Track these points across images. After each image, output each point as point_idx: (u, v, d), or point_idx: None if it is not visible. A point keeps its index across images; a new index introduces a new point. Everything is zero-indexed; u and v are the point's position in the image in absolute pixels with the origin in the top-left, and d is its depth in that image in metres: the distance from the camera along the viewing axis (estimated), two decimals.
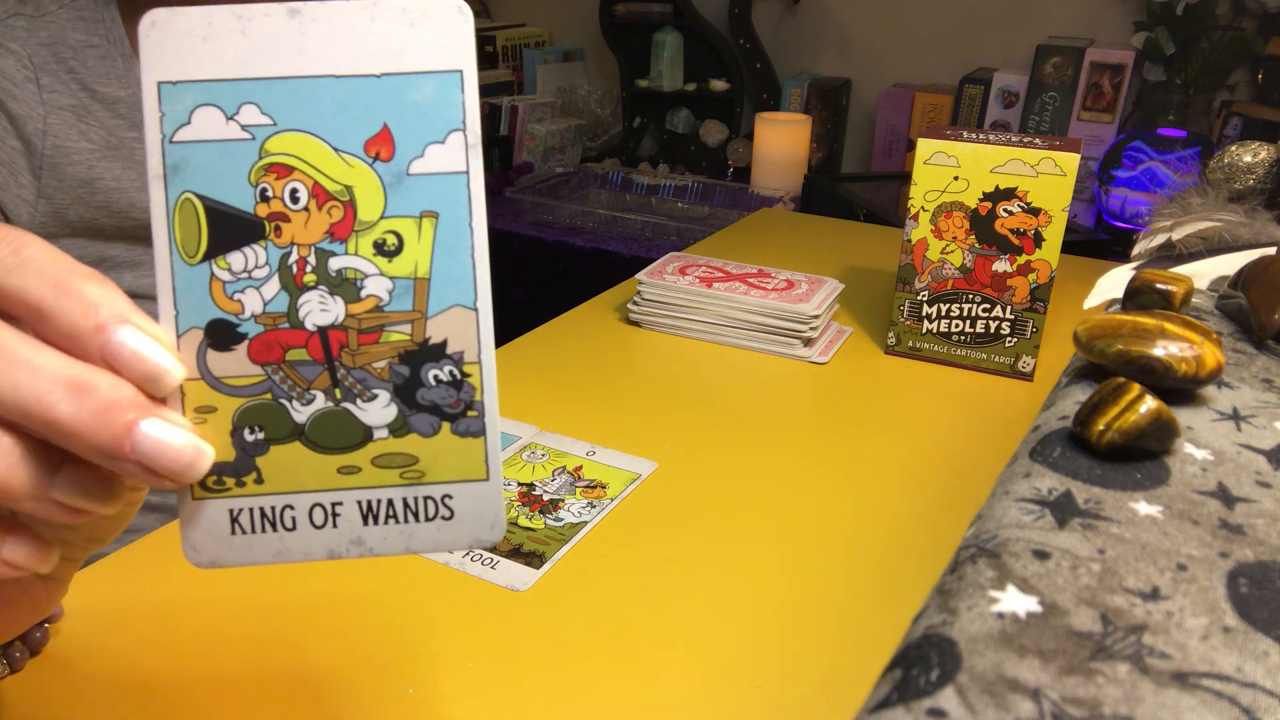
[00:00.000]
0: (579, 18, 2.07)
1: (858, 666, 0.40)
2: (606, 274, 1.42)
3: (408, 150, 0.25)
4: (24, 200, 0.58)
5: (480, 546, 0.30)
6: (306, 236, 0.25)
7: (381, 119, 0.24)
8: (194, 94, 0.24)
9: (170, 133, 0.24)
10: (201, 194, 0.24)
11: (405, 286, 0.25)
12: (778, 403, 0.65)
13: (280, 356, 0.25)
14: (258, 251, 0.25)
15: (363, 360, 0.25)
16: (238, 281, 0.25)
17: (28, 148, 0.58)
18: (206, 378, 0.25)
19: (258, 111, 0.24)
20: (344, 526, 0.26)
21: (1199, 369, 0.38)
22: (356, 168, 0.25)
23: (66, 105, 0.59)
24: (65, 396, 0.22)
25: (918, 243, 0.67)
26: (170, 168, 0.24)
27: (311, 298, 0.25)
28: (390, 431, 0.26)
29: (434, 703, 0.38)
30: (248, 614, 0.42)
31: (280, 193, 0.24)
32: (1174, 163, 1.37)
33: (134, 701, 0.38)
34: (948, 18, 1.75)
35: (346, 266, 0.25)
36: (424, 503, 0.26)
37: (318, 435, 0.25)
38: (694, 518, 0.51)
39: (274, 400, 0.25)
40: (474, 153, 0.25)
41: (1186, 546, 0.30)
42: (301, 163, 0.24)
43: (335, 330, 0.25)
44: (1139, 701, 0.23)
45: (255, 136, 0.24)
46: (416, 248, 0.25)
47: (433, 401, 0.25)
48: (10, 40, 0.57)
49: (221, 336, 0.25)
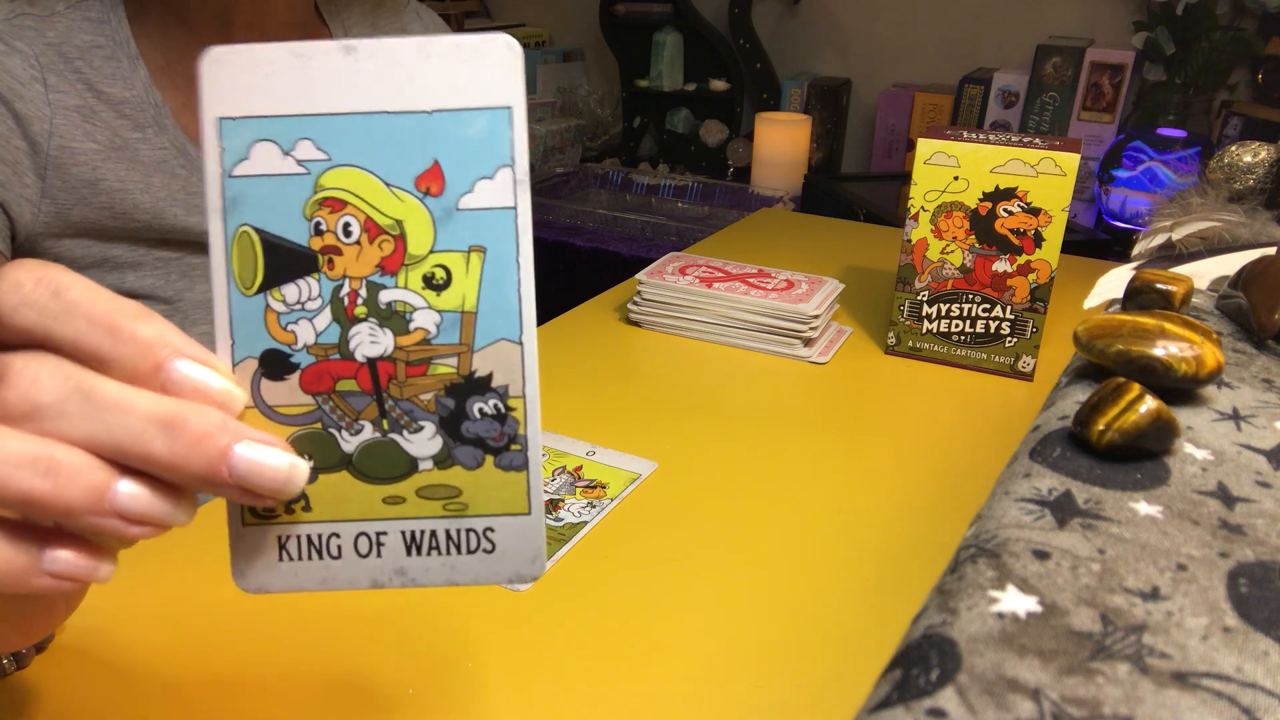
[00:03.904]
0: (579, 18, 2.07)
1: (858, 666, 0.40)
2: (606, 274, 1.42)
3: (457, 186, 0.25)
4: (28, 200, 0.58)
5: (520, 581, 0.30)
6: (358, 270, 0.25)
7: (433, 155, 0.25)
8: (253, 130, 0.24)
9: (230, 167, 0.24)
10: (258, 227, 0.25)
11: (453, 320, 0.25)
12: (778, 403, 0.65)
13: (331, 387, 0.25)
14: (311, 284, 0.25)
15: (410, 392, 0.26)
16: (291, 313, 0.25)
17: (33, 148, 0.58)
18: (260, 406, 0.25)
19: (313, 147, 0.25)
20: (388, 556, 0.26)
21: (1199, 369, 0.38)
22: (407, 202, 0.25)
23: (73, 106, 0.59)
24: (159, 434, 0.22)
25: (918, 243, 0.67)
26: (229, 201, 0.24)
27: (362, 330, 0.25)
28: (435, 463, 0.26)
29: (434, 703, 0.38)
30: (248, 614, 0.42)
31: (334, 226, 0.25)
32: (1174, 163, 1.37)
33: (134, 699, 0.38)
34: (948, 18, 1.75)
35: (396, 300, 0.25)
36: (466, 535, 0.26)
37: (365, 465, 0.26)
38: (694, 518, 0.51)
39: (324, 429, 0.25)
40: (522, 189, 0.25)
41: (1186, 546, 0.30)
42: (354, 197, 0.25)
43: (384, 362, 0.25)
44: (1139, 701, 0.23)
45: (310, 171, 0.25)
46: (464, 282, 0.25)
47: (477, 434, 0.26)
48: (17, 40, 0.57)
49: (275, 366, 0.25)
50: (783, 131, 1.66)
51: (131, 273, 0.64)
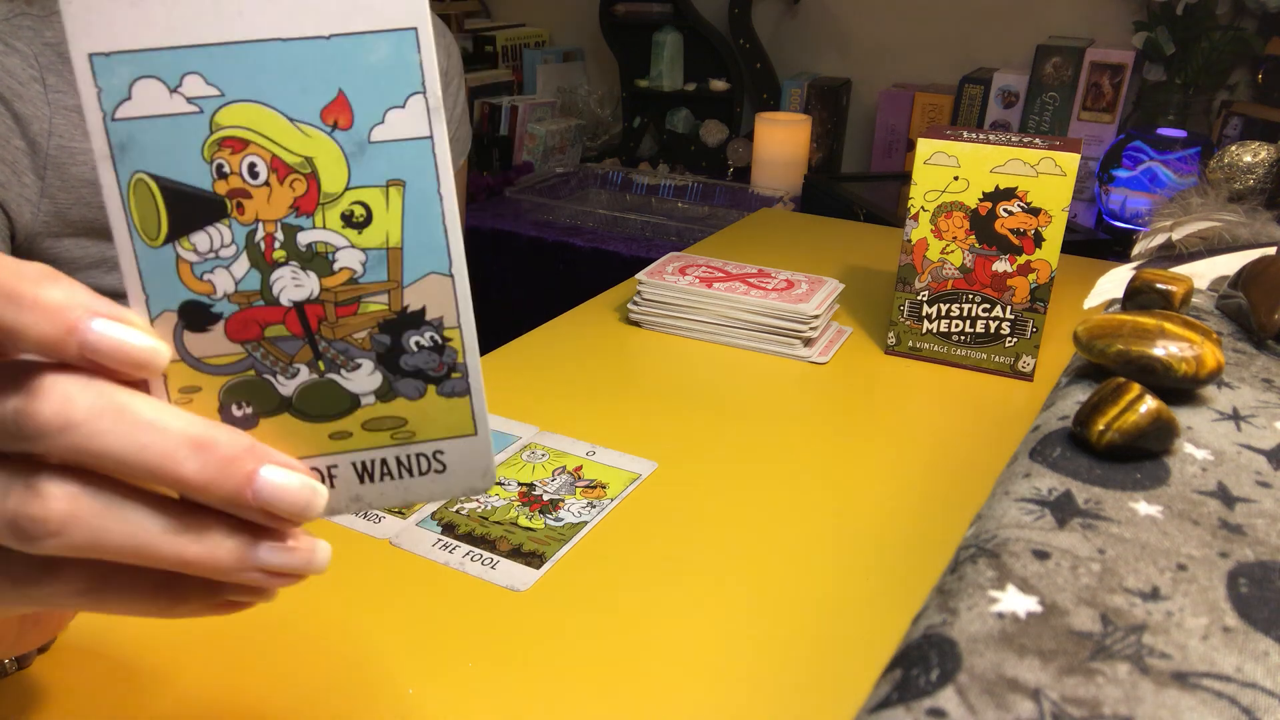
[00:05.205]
0: (579, 18, 2.08)
1: (858, 666, 0.40)
2: (606, 274, 1.42)
3: (367, 117, 0.24)
4: (27, 200, 0.58)
5: (473, 494, 0.30)
6: (271, 212, 0.24)
7: (336, 85, 0.23)
8: (130, 65, 0.23)
9: (110, 109, 0.23)
10: (154, 173, 0.23)
11: (378, 257, 0.25)
12: (778, 403, 0.65)
13: (259, 334, 0.25)
14: (222, 230, 0.24)
15: (343, 332, 0.25)
16: (205, 262, 0.24)
17: (32, 148, 0.58)
18: (186, 359, 0.24)
19: (202, 82, 0.23)
20: (341, 487, 0.26)
21: (1199, 369, 0.38)
22: (315, 138, 0.24)
23: (72, 105, 0.59)
24: (190, 455, 0.22)
25: (918, 243, 0.67)
26: (116, 147, 0.23)
27: (284, 274, 0.24)
28: (377, 397, 0.26)
29: (434, 703, 0.38)
30: (248, 612, 0.42)
31: (238, 168, 0.23)
32: (1174, 163, 1.37)
33: (135, 699, 0.38)
34: (948, 18, 1.75)
35: (316, 240, 0.24)
36: (417, 459, 0.26)
37: (306, 405, 0.25)
38: (694, 518, 0.51)
39: (258, 376, 0.25)
40: (436, 116, 0.24)
41: (1186, 546, 0.30)
42: (257, 135, 0.23)
43: (312, 304, 0.25)
44: (1139, 701, 0.23)
45: (203, 109, 0.23)
46: (386, 217, 0.24)
47: (416, 366, 0.25)
48: (16, 40, 0.58)
49: (196, 318, 0.24)
50: (783, 131, 1.67)
51: None
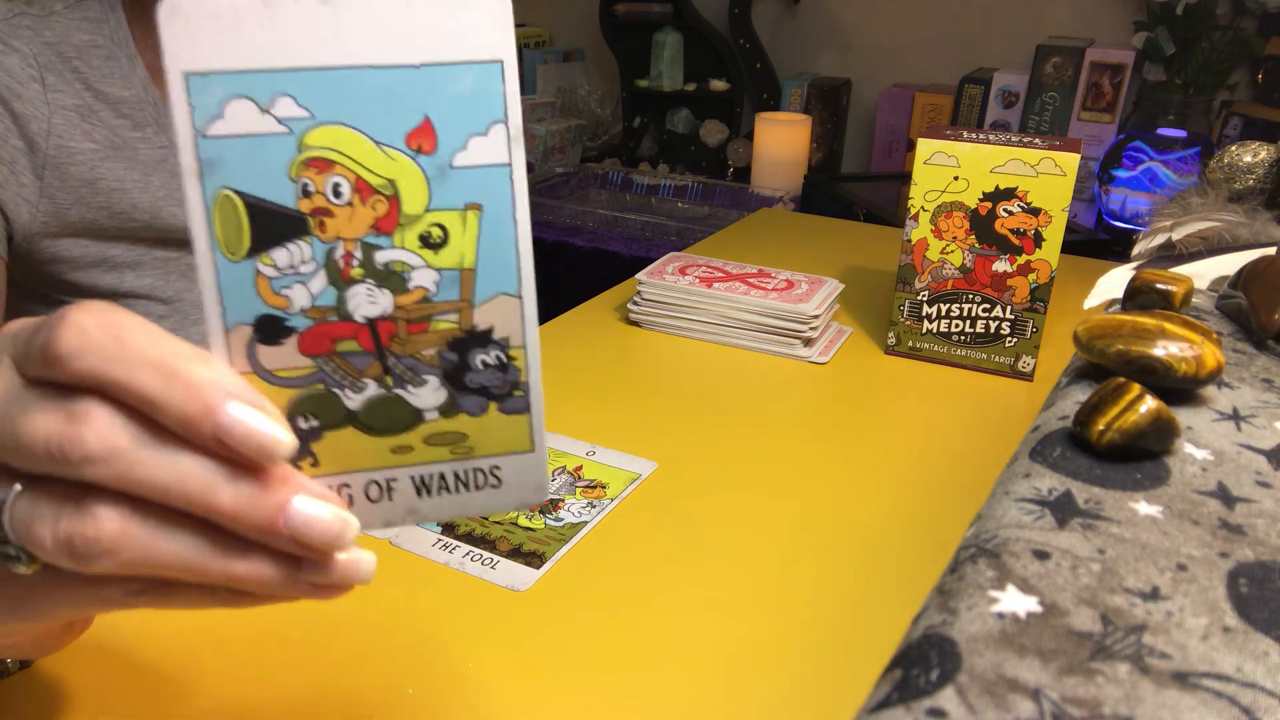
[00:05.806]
0: (579, 18, 2.07)
1: (858, 666, 0.40)
2: (606, 274, 1.42)
3: (450, 143, 0.25)
4: (25, 200, 0.58)
5: (526, 508, 0.31)
6: (351, 231, 0.25)
7: (422, 111, 0.24)
8: (224, 85, 0.23)
9: (202, 126, 0.23)
10: (240, 190, 0.24)
11: (451, 278, 0.25)
12: (778, 403, 0.65)
13: (330, 348, 0.25)
14: (302, 247, 0.25)
15: (412, 349, 0.26)
16: (284, 277, 0.25)
17: (31, 147, 0.58)
18: (258, 371, 0.25)
19: (294, 104, 0.24)
20: (399, 500, 0.27)
21: (1199, 369, 0.38)
22: (399, 161, 0.25)
23: (71, 105, 0.59)
24: (225, 484, 0.23)
25: (918, 243, 0.67)
26: (205, 163, 0.24)
27: (359, 291, 0.25)
28: (440, 413, 0.26)
29: (434, 703, 0.38)
30: (251, 613, 0.42)
31: (322, 188, 0.24)
32: (1174, 163, 1.37)
33: (136, 699, 0.38)
34: (948, 18, 1.75)
35: (393, 260, 0.25)
36: (474, 474, 0.27)
37: (371, 419, 0.26)
38: (694, 518, 0.51)
39: (326, 390, 0.25)
40: (516, 144, 0.25)
41: (1186, 546, 0.30)
42: (343, 157, 0.24)
43: (384, 321, 0.25)
44: (1139, 701, 0.23)
45: (292, 130, 0.24)
46: (461, 239, 0.25)
47: (481, 384, 0.26)
48: (15, 39, 0.58)
49: (270, 332, 0.25)
50: (783, 131, 1.66)
51: (130, 272, 0.64)
